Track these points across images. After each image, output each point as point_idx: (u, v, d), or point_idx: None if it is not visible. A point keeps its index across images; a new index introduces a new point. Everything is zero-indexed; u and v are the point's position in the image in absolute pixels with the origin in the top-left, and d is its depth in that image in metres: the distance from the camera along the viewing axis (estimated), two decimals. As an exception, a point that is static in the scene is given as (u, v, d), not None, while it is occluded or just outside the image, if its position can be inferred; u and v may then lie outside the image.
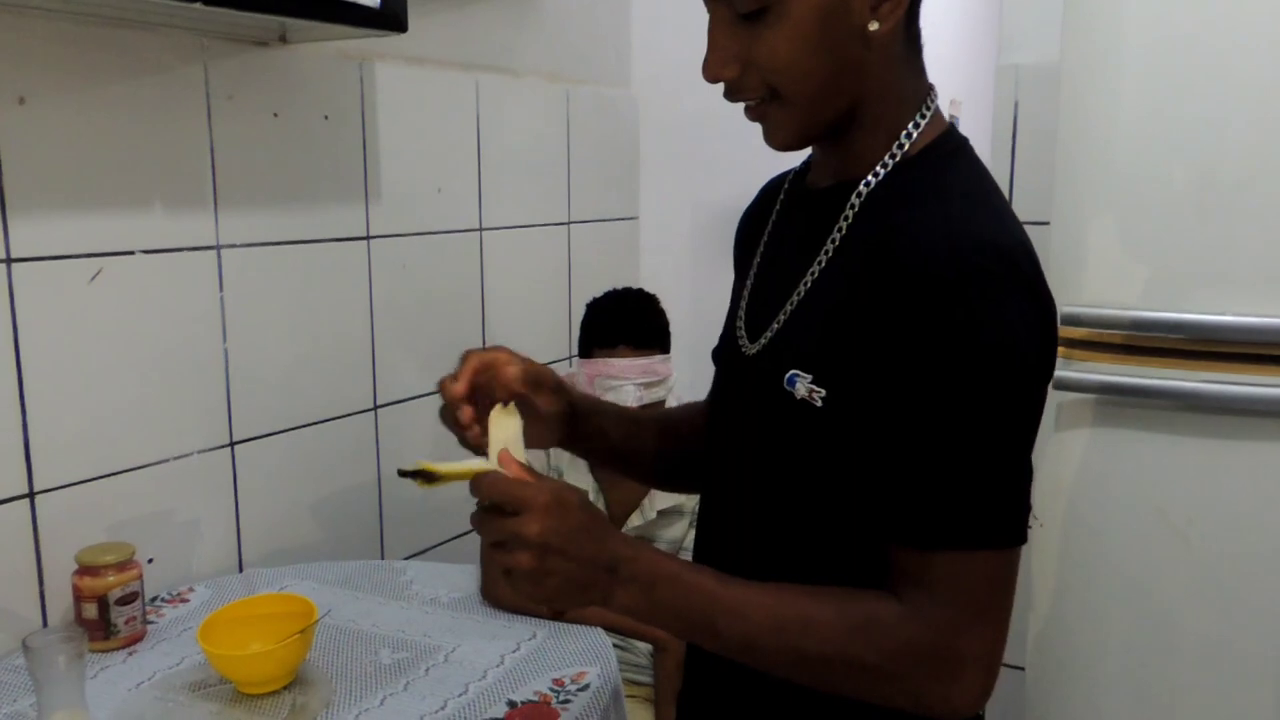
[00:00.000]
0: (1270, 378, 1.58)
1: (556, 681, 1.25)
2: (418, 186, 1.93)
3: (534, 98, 2.21)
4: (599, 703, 1.21)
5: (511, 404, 0.91)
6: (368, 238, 1.84)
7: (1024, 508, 0.79)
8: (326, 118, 1.73)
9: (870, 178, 0.84)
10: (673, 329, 1.93)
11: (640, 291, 1.73)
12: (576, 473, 1.66)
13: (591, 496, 1.66)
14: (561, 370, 2.32)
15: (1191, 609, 1.68)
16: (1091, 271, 1.63)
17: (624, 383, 1.59)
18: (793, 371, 0.83)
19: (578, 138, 2.34)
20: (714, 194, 3.03)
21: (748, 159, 3.35)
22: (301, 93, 1.68)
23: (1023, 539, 0.78)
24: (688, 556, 1.69)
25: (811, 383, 0.81)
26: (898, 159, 0.84)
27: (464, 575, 1.59)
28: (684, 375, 2.08)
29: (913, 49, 0.85)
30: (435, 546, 2.05)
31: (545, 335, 2.32)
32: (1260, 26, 1.56)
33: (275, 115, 1.64)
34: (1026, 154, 2.07)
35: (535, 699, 1.21)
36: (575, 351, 2.36)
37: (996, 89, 2.09)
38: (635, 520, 1.68)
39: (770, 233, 0.99)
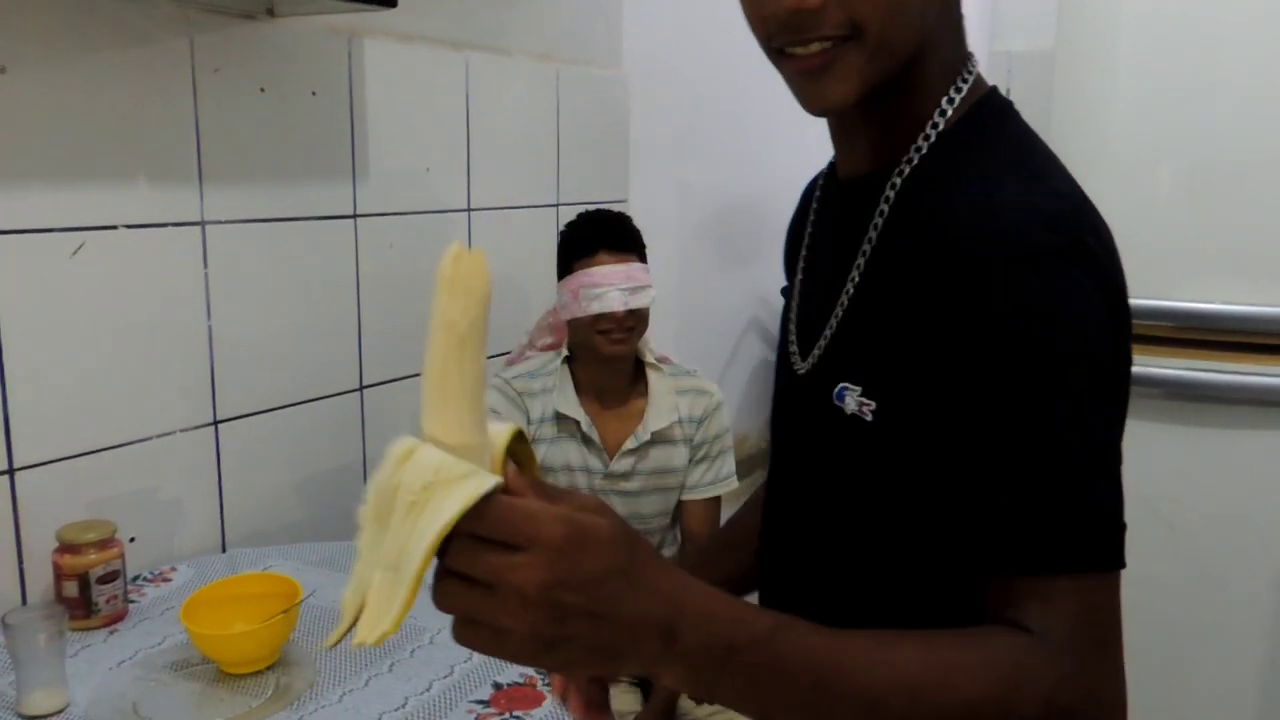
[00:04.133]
0: (1258, 366, 1.59)
1: (542, 663, 1.24)
2: (406, 165, 1.91)
3: (524, 78, 2.19)
4: (585, 685, 1.20)
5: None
6: (355, 216, 1.82)
7: (1123, 524, 0.67)
8: (314, 94, 1.71)
9: (911, 156, 0.75)
10: (660, 313, 1.93)
11: (612, 209, 1.73)
12: (566, 401, 1.65)
13: (584, 427, 1.65)
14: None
15: (1177, 596, 1.69)
16: (1082, 259, 1.63)
17: (608, 288, 1.58)
18: (842, 385, 0.75)
19: (567, 119, 2.32)
20: (704, 178, 3.02)
21: (738, 143, 3.37)
22: (289, 68, 1.66)
23: (1122, 561, 0.66)
24: (699, 494, 1.71)
25: (861, 395, 0.73)
26: (939, 129, 0.75)
27: (449, 557, 1.58)
28: (671, 353, 2.07)
29: (959, 8, 0.76)
30: (420, 528, 2.04)
31: (533, 316, 2.30)
32: (1253, 17, 1.55)
33: (262, 90, 1.62)
34: (1018, 141, 2.06)
35: (521, 681, 1.20)
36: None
37: (988, 75, 2.08)
38: (629, 445, 1.68)
39: (808, 240, 0.91)
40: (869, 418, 0.72)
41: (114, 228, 1.44)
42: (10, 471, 1.35)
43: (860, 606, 0.77)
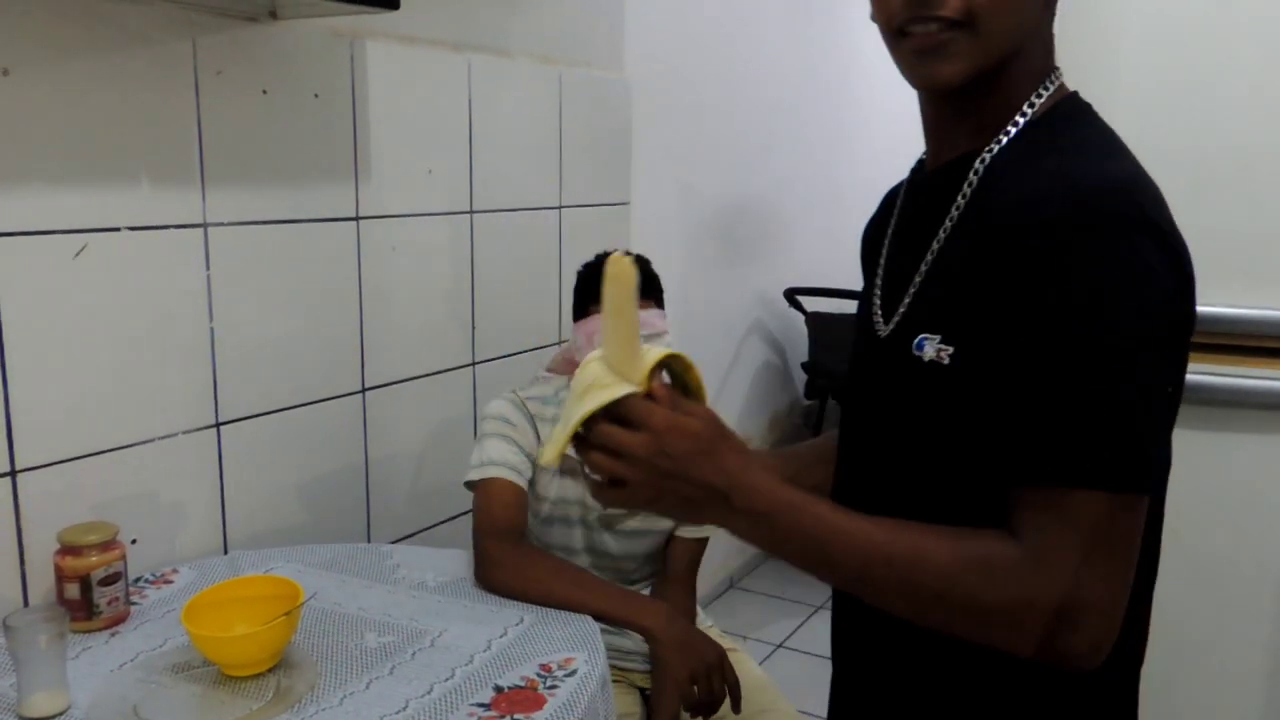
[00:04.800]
0: (1262, 370, 1.59)
1: (544, 667, 1.24)
2: (408, 167, 1.91)
3: (526, 80, 2.19)
4: (586, 689, 1.20)
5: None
6: (357, 218, 1.82)
7: (1153, 458, 0.75)
8: (316, 96, 1.71)
9: (993, 145, 0.85)
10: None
11: (631, 251, 1.72)
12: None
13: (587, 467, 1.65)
14: (552, 353, 2.31)
15: (1178, 601, 1.68)
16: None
17: None
18: (921, 336, 0.84)
19: (570, 121, 2.32)
20: (706, 180, 3.02)
21: (739, 145, 3.37)
22: (291, 70, 1.66)
23: (1149, 489, 0.75)
24: (689, 532, 1.72)
25: (940, 342, 0.82)
26: (1020, 125, 0.84)
27: (451, 560, 1.58)
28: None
29: (1051, 24, 0.87)
30: (422, 531, 2.04)
31: (535, 320, 2.30)
32: (1258, 19, 1.55)
33: (264, 92, 1.62)
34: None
35: (522, 684, 1.20)
36: (563, 337, 2.35)
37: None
38: None
39: (895, 223, 0.98)
40: (946, 361, 0.81)
41: (116, 229, 1.44)
42: (12, 473, 1.35)
43: None
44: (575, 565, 1.62)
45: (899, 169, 1.05)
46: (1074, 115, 0.85)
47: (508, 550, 1.48)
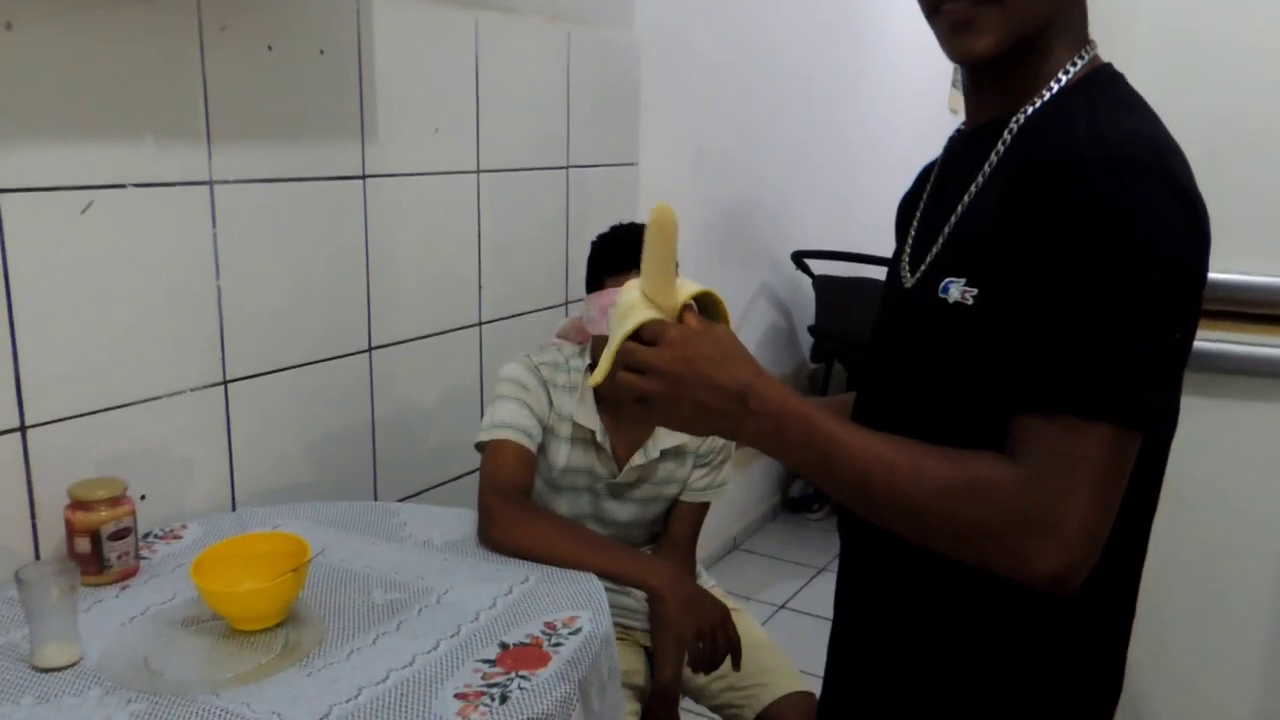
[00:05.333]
0: (1273, 337, 1.58)
1: (548, 625, 1.25)
2: (415, 126, 1.90)
3: (534, 38, 2.17)
4: (590, 647, 1.21)
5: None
6: (363, 177, 1.81)
7: (1149, 396, 0.77)
8: (322, 52, 1.69)
9: (1028, 107, 0.88)
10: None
11: (647, 224, 1.71)
12: (584, 410, 1.65)
13: (599, 436, 1.65)
14: (560, 316, 2.30)
15: (1185, 568, 1.69)
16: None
17: None
18: (947, 279, 0.86)
19: (578, 80, 2.30)
20: (714, 142, 3.00)
21: (751, 107, 3.33)
22: (297, 25, 1.64)
23: (1144, 424, 0.76)
24: (692, 497, 1.73)
25: (964, 284, 0.84)
26: (1054, 90, 0.87)
27: (457, 519, 1.59)
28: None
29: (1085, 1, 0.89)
30: (428, 490, 2.05)
31: (542, 280, 2.30)
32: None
33: (270, 48, 1.60)
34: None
35: (527, 641, 1.21)
36: (570, 297, 2.35)
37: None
38: (638, 459, 1.68)
39: (929, 190, 1.01)
40: (969, 302, 0.84)
41: (122, 186, 1.44)
42: (22, 428, 1.36)
43: None
44: (579, 524, 1.63)
45: (911, 132, 1.05)
46: (1107, 82, 0.88)
47: (512, 508, 1.49)
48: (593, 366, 1.69)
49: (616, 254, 1.64)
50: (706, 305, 0.90)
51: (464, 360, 2.11)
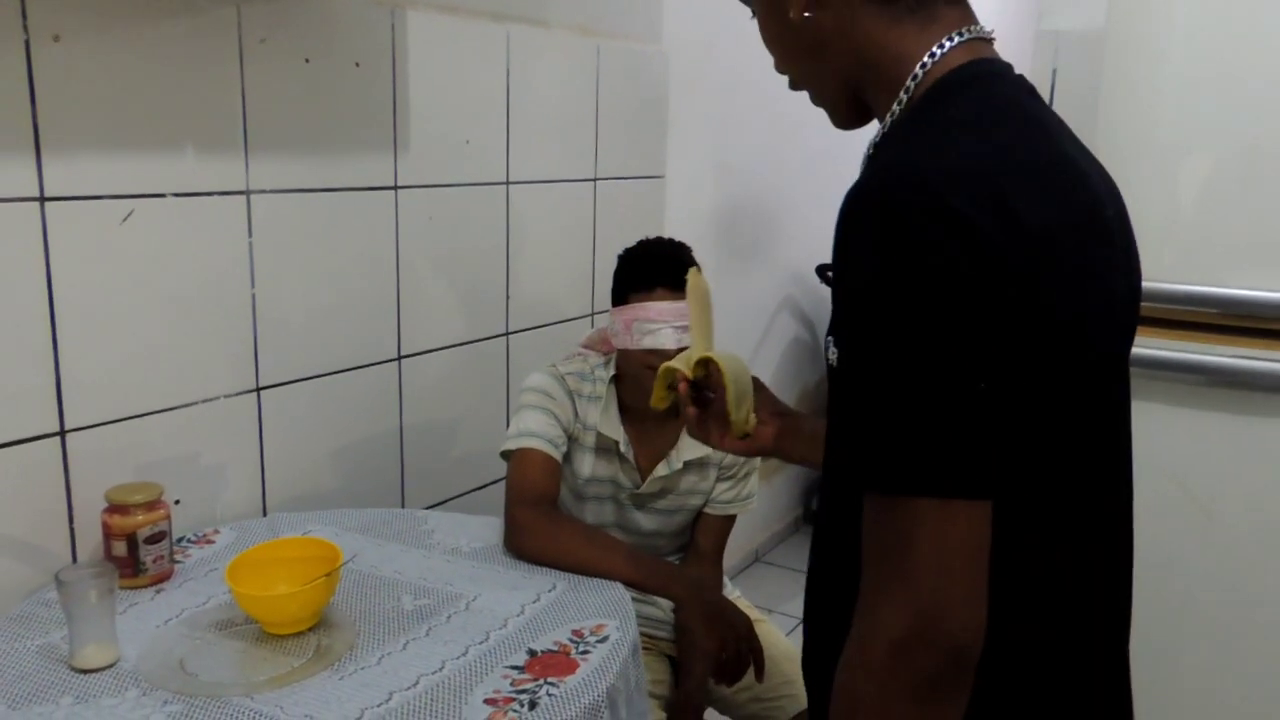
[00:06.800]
0: (1302, 355, 1.57)
1: (576, 633, 1.26)
2: (446, 137, 1.92)
3: (564, 51, 2.19)
4: (617, 655, 1.22)
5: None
6: (395, 188, 1.83)
7: (946, 457, 0.69)
8: (357, 65, 1.72)
9: (881, 131, 0.84)
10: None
11: (674, 240, 1.72)
12: (608, 421, 1.66)
13: (622, 447, 1.67)
14: (585, 326, 2.32)
15: (1211, 583, 1.68)
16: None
17: (662, 325, 1.58)
18: (829, 337, 0.82)
19: (607, 93, 2.32)
20: (741, 156, 3.01)
21: (776, 120, 3.34)
22: (333, 38, 1.67)
23: (947, 490, 0.69)
24: (718, 510, 1.73)
25: (834, 344, 0.80)
26: (902, 103, 0.81)
27: (484, 526, 1.60)
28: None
29: (886, 4, 0.82)
30: (455, 498, 2.07)
31: (568, 291, 2.32)
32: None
33: (307, 61, 1.63)
34: (1062, 122, 2.03)
35: (555, 649, 1.22)
36: (596, 308, 2.36)
37: (1035, 55, 2.06)
38: (661, 470, 1.69)
39: None
40: (835, 363, 0.78)
41: (162, 195, 1.46)
42: (62, 433, 1.38)
43: (839, 534, 0.82)
44: (606, 533, 1.64)
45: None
46: (950, 91, 0.80)
47: (538, 517, 1.50)
48: (617, 378, 1.70)
49: (641, 269, 1.65)
50: (713, 368, 1.08)
51: (491, 369, 2.13)
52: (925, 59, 0.80)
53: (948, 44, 0.81)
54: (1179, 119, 1.61)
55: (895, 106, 0.81)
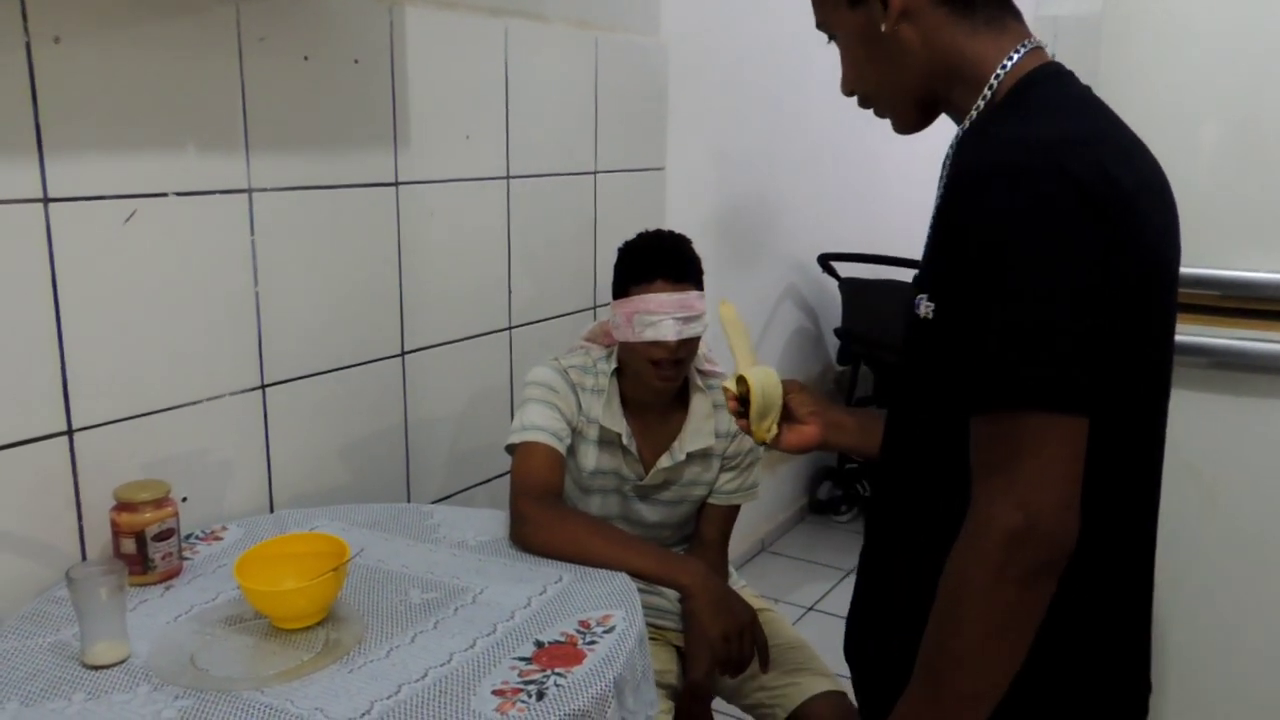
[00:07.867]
0: (1305, 336, 1.57)
1: (583, 624, 1.27)
2: (446, 133, 1.93)
3: (563, 45, 2.19)
4: (624, 645, 1.23)
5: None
6: (396, 184, 1.84)
7: (1069, 377, 0.81)
8: (356, 61, 1.72)
9: (965, 124, 0.96)
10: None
11: (674, 232, 1.72)
12: (611, 414, 1.67)
13: (625, 439, 1.67)
14: (587, 320, 2.32)
15: (1217, 565, 1.68)
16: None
17: (663, 317, 1.59)
18: (919, 295, 0.93)
19: (606, 86, 2.32)
20: (741, 146, 3.01)
21: (775, 111, 3.33)
22: (332, 35, 1.67)
23: (1068, 405, 0.81)
24: (721, 499, 1.74)
25: (927, 299, 0.91)
26: (986, 100, 0.94)
27: (490, 520, 1.61)
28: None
29: (964, 18, 0.95)
30: (460, 492, 2.08)
31: (570, 284, 2.32)
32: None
33: (306, 58, 1.64)
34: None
35: (562, 640, 1.23)
36: (598, 301, 2.37)
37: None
38: (665, 461, 1.70)
39: None
40: (930, 317, 0.91)
41: (164, 195, 1.47)
42: (69, 432, 1.39)
43: (928, 491, 0.96)
44: (610, 524, 1.64)
45: (937, 135, 1.06)
46: (1034, 87, 0.93)
47: (543, 510, 1.51)
48: (619, 371, 1.71)
49: (642, 262, 1.65)
50: (746, 385, 1.19)
51: (494, 364, 2.13)
52: (1005, 62, 0.94)
53: (1021, 50, 0.95)
54: (1177, 102, 1.61)
55: (980, 102, 0.94)
